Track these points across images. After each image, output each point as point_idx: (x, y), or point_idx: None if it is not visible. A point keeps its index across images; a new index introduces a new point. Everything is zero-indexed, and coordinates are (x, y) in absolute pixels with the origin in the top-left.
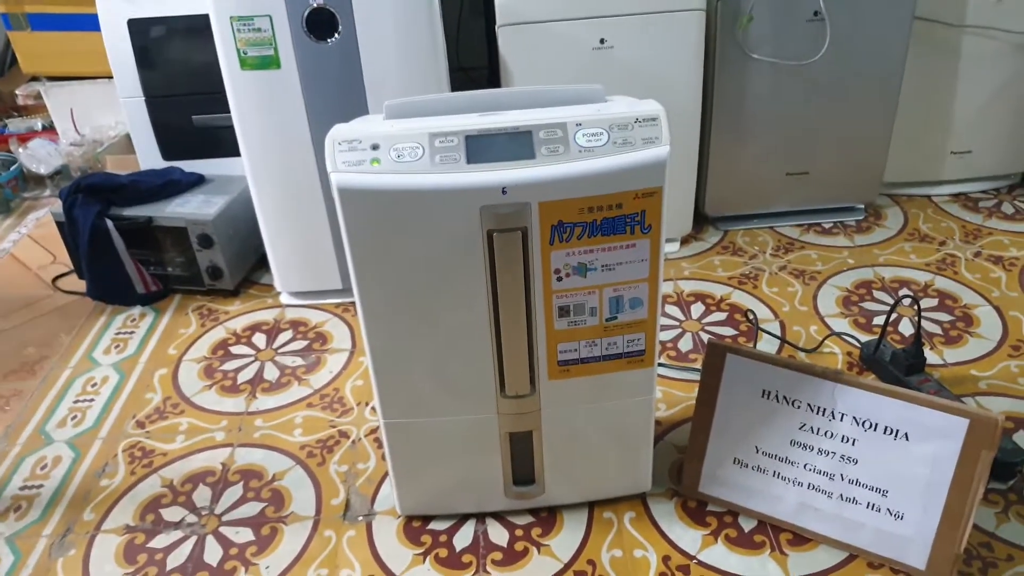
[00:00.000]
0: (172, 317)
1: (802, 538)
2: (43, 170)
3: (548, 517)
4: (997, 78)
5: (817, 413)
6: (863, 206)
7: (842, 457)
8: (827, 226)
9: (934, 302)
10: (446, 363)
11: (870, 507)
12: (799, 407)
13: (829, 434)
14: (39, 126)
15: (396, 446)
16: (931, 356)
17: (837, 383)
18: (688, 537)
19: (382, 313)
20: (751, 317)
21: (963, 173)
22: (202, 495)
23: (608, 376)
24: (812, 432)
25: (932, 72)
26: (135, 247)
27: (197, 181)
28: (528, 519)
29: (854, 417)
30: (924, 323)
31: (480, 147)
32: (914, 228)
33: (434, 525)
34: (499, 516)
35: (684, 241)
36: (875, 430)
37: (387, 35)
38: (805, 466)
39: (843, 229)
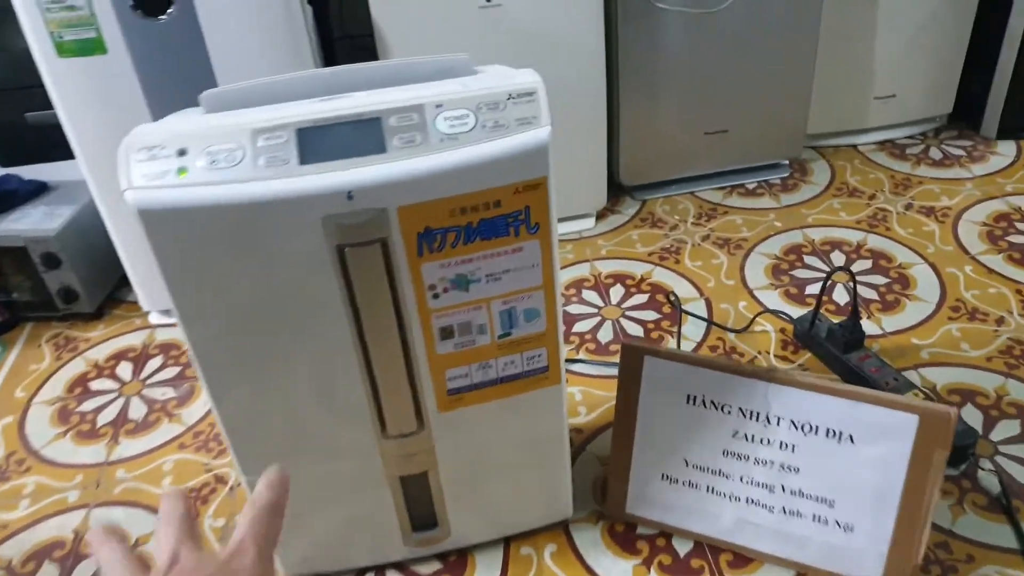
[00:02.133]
0: (21, 352)
1: (744, 558)
2: None
3: (458, 561)
4: (918, 14)
5: (750, 418)
6: (788, 162)
7: (782, 466)
8: (751, 187)
9: (868, 264)
10: (309, 407)
11: (816, 519)
12: (729, 412)
13: (765, 441)
14: None
15: None
16: (869, 326)
17: (770, 383)
18: (617, 569)
19: (220, 357)
20: (673, 300)
21: (888, 119)
22: None
23: (510, 400)
24: (746, 440)
25: (850, 12)
26: None
27: (38, 190)
28: (435, 566)
29: (791, 420)
30: (859, 288)
31: (316, 142)
32: (842, 182)
33: None
34: (401, 566)
35: (600, 216)
36: (816, 433)
37: (231, 6)
38: (741, 478)
39: (768, 189)
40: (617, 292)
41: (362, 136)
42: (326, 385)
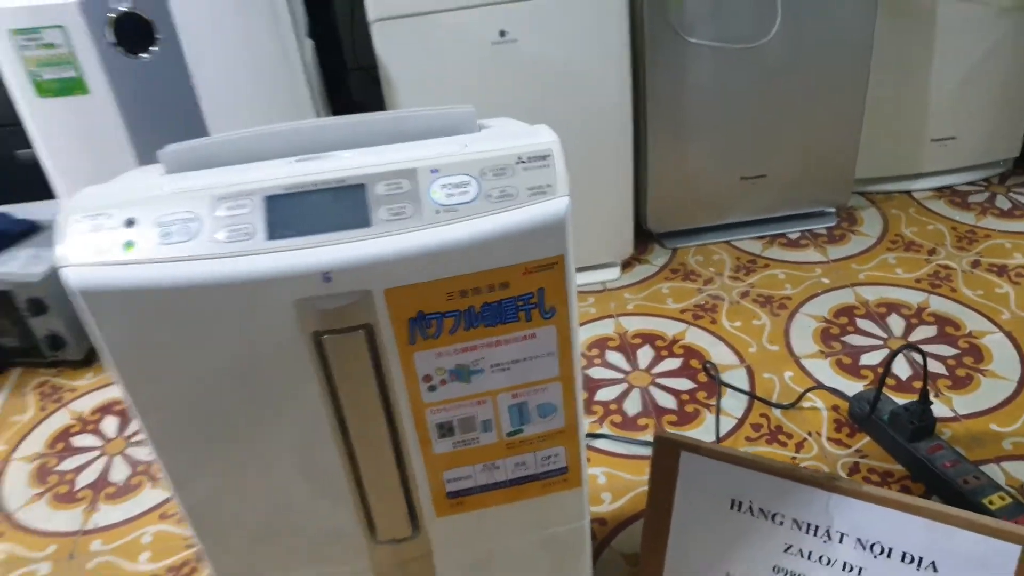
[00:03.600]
0: (7, 400)
1: None
2: None
3: None
4: (978, 49)
5: (807, 532)
6: (834, 210)
7: None
8: (794, 237)
9: (932, 331)
10: (290, 511)
11: None
12: (782, 523)
13: (825, 560)
14: None
15: None
16: (938, 407)
17: (832, 493)
18: None
19: (186, 458)
20: (711, 371)
21: (946, 163)
22: None
23: (521, 504)
24: (802, 556)
25: (904, 47)
26: None
27: (28, 230)
28: None
29: (858, 539)
30: (919, 358)
31: (288, 213)
32: (897, 234)
33: None
34: None
35: (625, 265)
36: (888, 556)
37: (220, 43)
38: None
39: (813, 239)
40: (646, 355)
41: (343, 206)
42: (304, 484)
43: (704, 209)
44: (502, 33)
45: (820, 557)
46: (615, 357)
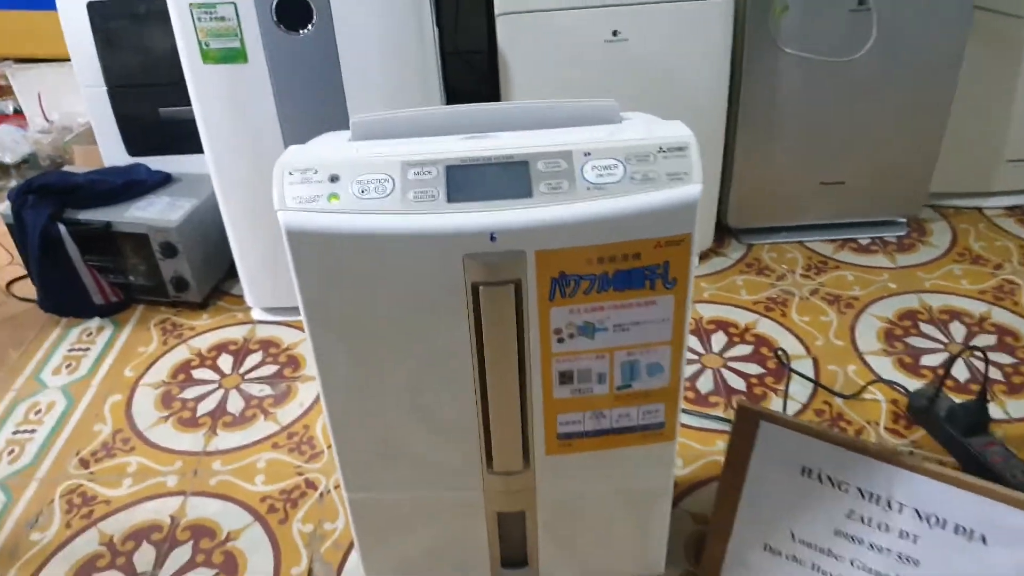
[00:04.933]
0: (132, 332)
1: None
2: (8, 159)
3: None
4: None
5: (870, 500)
6: (905, 220)
7: (899, 556)
8: (864, 243)
9: (991, 339)
10: (421, 435)
11: None
12: (847, 491)
13: (884, 527)
14: (10, 109)
15: (363, 522)
16: (993, 410)
17: (896, 466)
18: None
19: (342, 375)
20: (782, 356)
21: (1019, 184)
22: (144, 557)
23: (619, 451)
24: (863, 522)
25: (989, 70)
26: (92, 254)
27: (163, 181)
28: None
29: (916, 509)
30: (978, 364)
31: (464, 181)
32: (964, 247)
33: None
34: None
35: (703, 256)
36: (943, 527)
37: (369, 26)
38: (852, 562)
39: (882, 247)
40: (719, 340)
41: (509, 179)
42: (441, 416)
43: (782, 209)
44: (614, 33)
45: (879, 524)
46: (691, 340)
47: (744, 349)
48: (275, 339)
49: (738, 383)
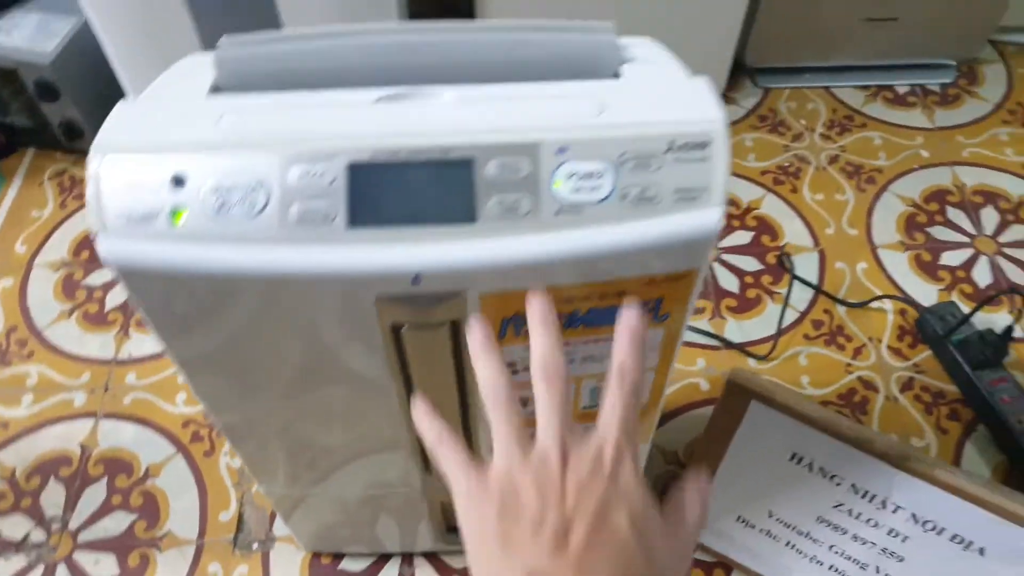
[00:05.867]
0: (22, 187)
1: None
2: None
3: None
4: None
5: (863, 497)
6: (955, 64)
7: (883, 550)
8: (901, 91)
9: (1022, 232)
10: (344, 454)
11: None
12: (840, 484)
13: (873, 522)
14: None
15: (285, 511)
16: (1007, 319)
17: (900, 471)
18: None
19: (236, 417)
20: (786, 263)
21: None
22: (53, 498)
23: None
24: (850, 515)
25: None
26: None
27: None
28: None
29: (913, 514)
30: (1004, 264)
31: (375, 190)
32: (1018, 102)
33: (348, 564)
34: (431, 556)
35: None
36: (939, 534)
37: None
38: (831, 548)
39: (922, 98)
40: None
41: (444, 189)
42: (365, 436)
43: (810, 47)
44: None
45: (868, 520)
46: None
47: (743, 237)
48: None
49: (731, 282)
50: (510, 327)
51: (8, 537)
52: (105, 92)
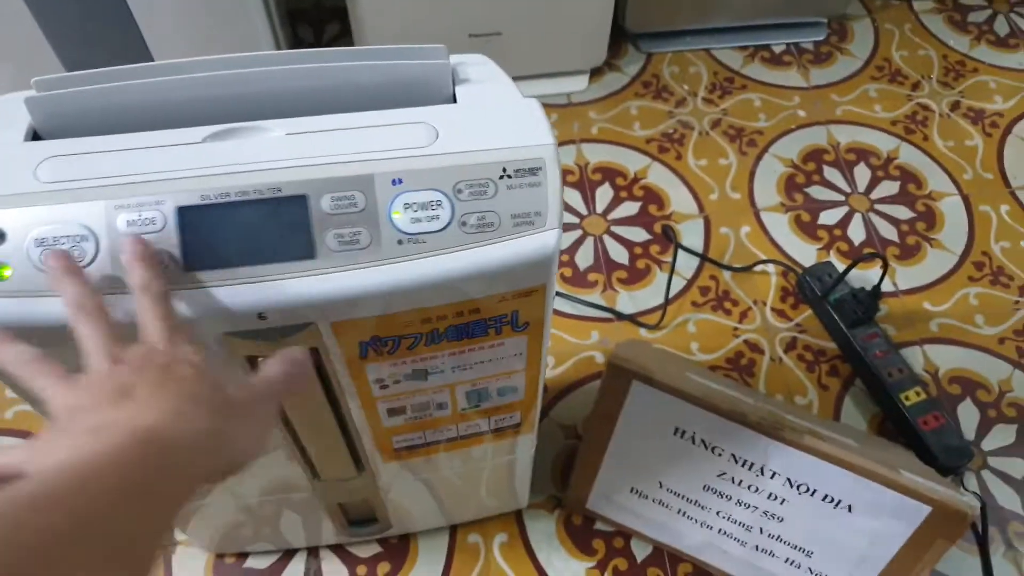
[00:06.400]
0: None
1: (704, 572)
2: None
3: (399, 545)
4: None
5: (742, 466)
6: (826, 20)
7: (764, 512)
8: (778, 51)
9: (895, 188)
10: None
11: (789, 563)
12: (720, 455)
13: (753, 488)
14: None
15: (190, 527)
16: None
17: (774, 440)
18: (569, 571)
19: None
20: (670, 235)
21: None
22: None
23: (469, 449)
24: (732, 483)
25: None
26: None
27: None
28: (374, 549)
29: (788, 478)
30: (876, 220)
31: (208, 231)
32: (885, 58)
33: (253, 562)
34: (336, 548)
35: (594, 73)
36: (812, 495)
37: None
38: (718, 513)
39: (797, 57)
40: (604, 195)
41: (279, 227)
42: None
43: (689, 9)
44: None
45: (749, 486)
46: (572, 197)
47: (631, 208)
48: None
49: (621, 254)
50: (370, 349)
51: None
52: None
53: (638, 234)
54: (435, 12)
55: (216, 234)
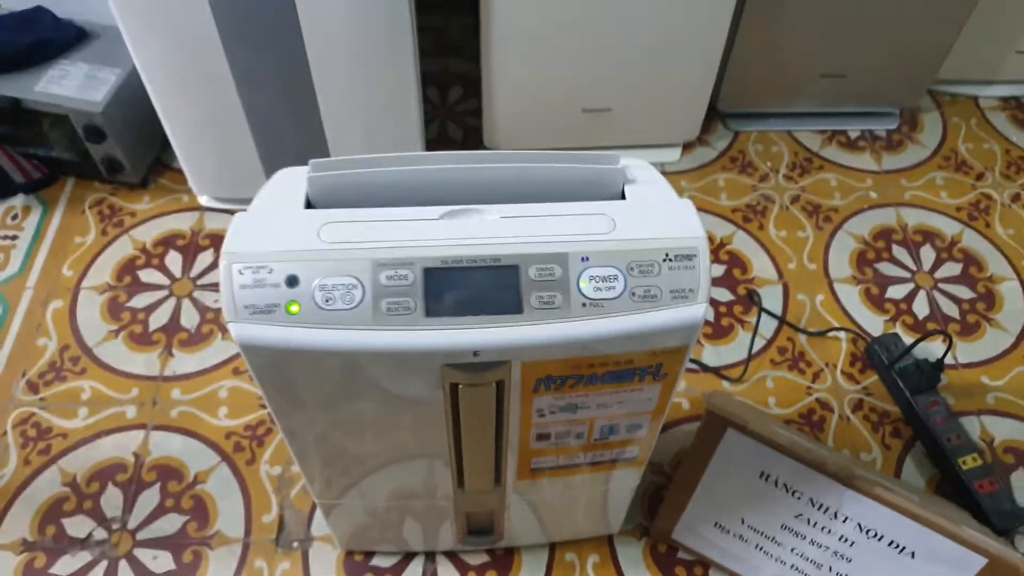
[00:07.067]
0: (65, 215)
1: None
2: None
3: (505, 557)
4: None
5: (818, 509)
6: (898, 111)
7: (835, 553)
8: (853, 136)
9: (957, 269)
10: (393, 479)
11: None
12: (799, 498)
13: (827, 530)
14: None
15: (328, 514)
16: (940, 349)
17: (849, 488)
18: None
19: (311, 450)
20: (755, 298)
21: (1021, 74)
22: (112, 500)
23: (590, 475)
24: (808, 524)
25: None
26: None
27: (75, 38)
28: (483, 558)
29: (859, 523)
30: (939, 298)
31: (445, 288)
32: (951, 149)
33: (378, 561)
34: (451, 554)
35: (686, 147)
36: (879, 540)
37: None
38: (792, 550)
39: (871, 142)
40: None
41: (497, 288)
42: (411, 469)
43: (775, 94)
44: None
45: (823, 528)
46: None
47: (717, 271)
48: (226, 233)
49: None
50: (542, 385)
51: (73, 535)
52: (145, 132)
53: (723, 295)
54: (556, 89)
55: (450, 290)
